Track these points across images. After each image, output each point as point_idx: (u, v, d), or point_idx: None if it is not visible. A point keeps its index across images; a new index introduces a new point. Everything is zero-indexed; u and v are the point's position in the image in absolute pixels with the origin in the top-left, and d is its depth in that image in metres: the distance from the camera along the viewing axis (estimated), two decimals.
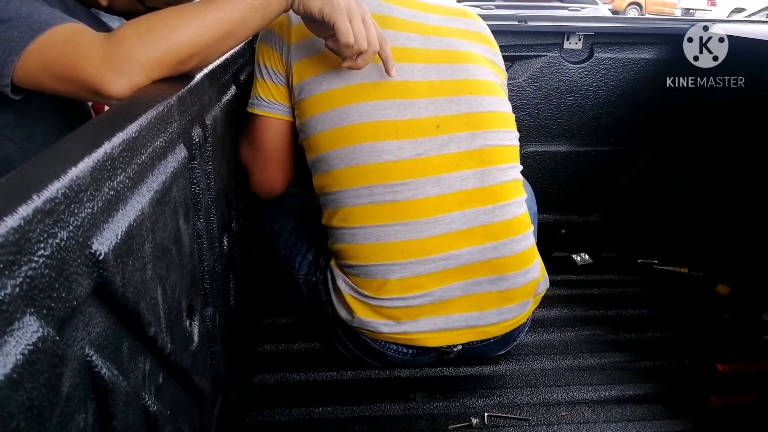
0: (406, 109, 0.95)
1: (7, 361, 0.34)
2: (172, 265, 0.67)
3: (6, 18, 0.73)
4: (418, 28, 1.01)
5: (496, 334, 1.04)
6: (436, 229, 0.95)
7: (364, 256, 0.97)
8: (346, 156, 0.94)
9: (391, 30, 0.98)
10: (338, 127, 0.94)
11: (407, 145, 0.94)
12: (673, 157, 1.74)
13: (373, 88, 0.95)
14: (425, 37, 1.01)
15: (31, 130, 0.88)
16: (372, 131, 0.94)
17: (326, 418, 1.01)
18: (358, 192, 0.95)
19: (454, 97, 0.98)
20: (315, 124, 0.96)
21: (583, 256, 1.63)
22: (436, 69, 0.99)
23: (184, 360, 0.73)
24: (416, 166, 0.94)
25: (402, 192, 0.94)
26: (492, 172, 0.98)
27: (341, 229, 0.98)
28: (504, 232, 0.99)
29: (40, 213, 0.38)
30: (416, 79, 0.97)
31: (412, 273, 0.96)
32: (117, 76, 0.70)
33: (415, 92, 0.96)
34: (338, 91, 0.94)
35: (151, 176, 0.60)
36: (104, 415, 0.50)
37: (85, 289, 0.45)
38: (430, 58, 1.00)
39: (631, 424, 0.99)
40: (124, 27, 0.74)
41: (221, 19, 0.77)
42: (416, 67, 0.98)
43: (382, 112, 0.94)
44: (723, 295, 1.44)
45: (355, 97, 0.94)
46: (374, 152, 0.93)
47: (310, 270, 1.13)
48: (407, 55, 0.98)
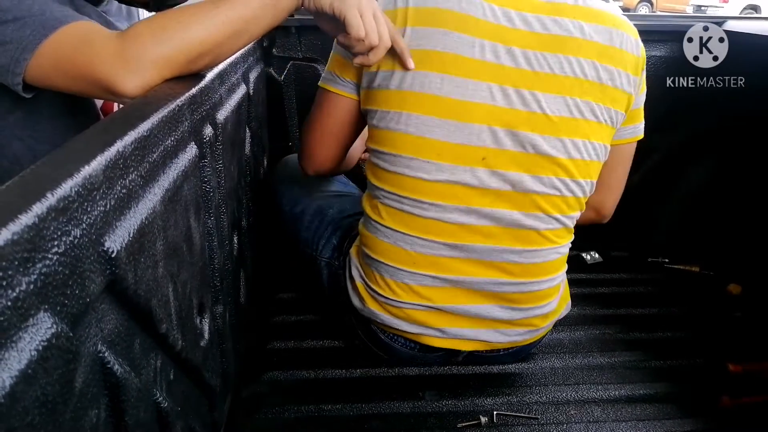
0: (457, 132, 0.87)
1: (22, 357, 0.35)
2: (183, 262, 0.67)
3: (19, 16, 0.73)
4: (504, 36, 0.86)
5: (505, 347, 1.05)
6: (453, 252, 0.93)
7: (380, 251, 0.97)
8: (387, 159, 0.92)
9: (468, 35, 0.85)
10: (388, 129, 0.91)
11: (446, 169, 0.88)
12: (683, 155, 1.73)
13: (428, 100, 0.87)
14: (507, 48, 0.86)
15: (40, 129, 0.89)
16: (415, 145, 0.89)
17: (335, 415, 1.01)
18: (390, 195, 0.94)
19: (513, 131, 0.87)
20: (372, 117, 0.93)
21: (593, 254, 1.62)
22: (504, 93, 0.86)
23: (195, 357, 0.73)
24: (449, 192, 0.89)
25: (429, 210, 0.91)
26: (530, 219, 0.92)
27: (370, 217, 0.98)
28: (529, 273, 0.95)
29: (54, 211, 0.38)
30: (476, 100, 0.86)
31: (421, 283, 0.96)
32: (130, 74, 0.70)
33: (471, 116, 0.86)
34: (395, 93, 0.89)
35: (162, 174, 0.61)
36: (116, 411, 0.51)
37: (97, 286, 0.46)
38: (505, 77, 0.86)
39: (641, 424, 0.99)
40: (137, 25, 0.74)
41: (233, 18, 0.78)
42: (481, 86, 0.86)
43: (430, 129, 0.87)
44: (734, 294, 1.42)
45: (408, 105, 0.88)
46: (412, 166, 0.89)
47: (334, 254, 1.12)
48: (476, 70, 0.85)
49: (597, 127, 0.90)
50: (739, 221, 1.57)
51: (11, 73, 0.73)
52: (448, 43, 0.85)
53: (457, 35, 0.85)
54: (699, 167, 1.71)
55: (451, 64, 0.86)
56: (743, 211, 1.56)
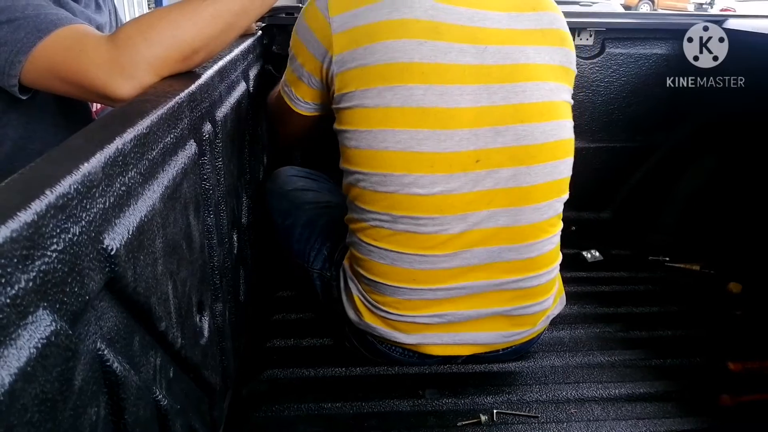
0: (447, 140, 0.86)
1: (21, 354, 0.35)
2: (182, 260, 0.67)
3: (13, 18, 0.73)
4: (474, 36, 0.88)
5: (504, 348, 1.06)
6: (453, 262, 0.92)
7: (376, 272, 0.95)
8: (375, 180, 0.89)
9: (443, 41, 0.86)
10: (371, 149, 0.88)
11: (440, 180, 0.87)
12: (684, 154, 1.73)
13: (413, 114, 0.85)
14: (481, 48, 0.88)
15: (33, 129, 0.89)
16: (406, 162, 0.87)
17: (335, 414, 1.01)
18: (383, 216, 0.91)
19: (501, 128, 0.88)
20: (350, 138, 0.90)
21: (594, 253, 1.62)
22: (488, 92, 0.88)
23: (195, 355, 0.73)
24: (445, 203, 0.88)
25: (426, 226, 0.89)
26: (526, 212, 0.92)
27: (360, 239, 0.96)
28: (526, 268, 0.96)
29: (53, 208, 0.38)
30: (463, 105, 0.86)
31: (422, 297, 0.95)
32: (126, 79, 0.70)
33: (459, 121, 0.87)
34: (376, 111, 0.87)
35: (162, 172, 0.60)
36: (116, 409, 0.51)
37: (97, 283, 0.45)
38: (484, 77, 0.88)
39: (641, 422, 0.98)
40: (126, 28, 0.74)
41: (222, 11, 0.77)
42: (466, 90, 0.87)
43: (420, 143, 0.86)
44: (735, 293, 1.42)
45: (392, 122, 0.86)
46: (405, 183, 0.87)
47: (325, 265, 1.13)
48: (458, 74, 0.86)
49: (566, 107, 0.97)
50: (739, 220, 1.57)
51: (6, 75, 0.73)
52: (425, 52, 0.85)
53: (432, 43, 0.86)
54: (699, 166, 1.71)
55: (432, 73, 0.85)
56: (743, 210, 1.56)
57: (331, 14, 0.89)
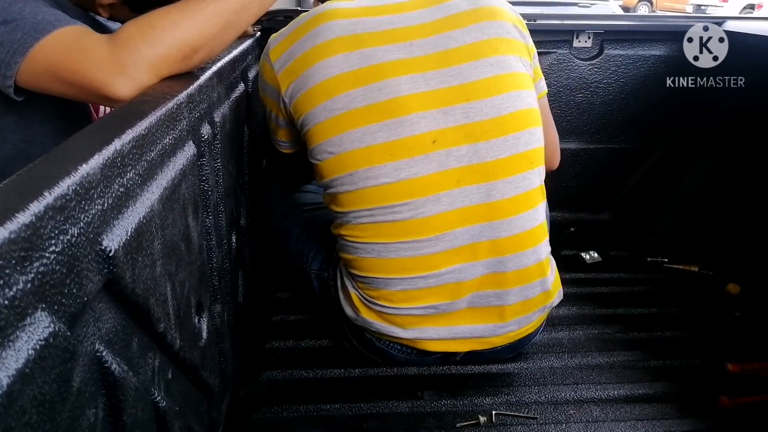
0: (399, 127, 0.91)
1: (19, 356, 0.35)
2: (181, 261, 0.67)
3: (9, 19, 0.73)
4: (396, 36, 0.94)
5: (501, 344, 1.05)
6: (438, 246, 0.94)
7: (366, 267, 0.98)
8: (345, 182, 0.94)
9: (367, 48, 0.92)
10: (334, 155, 0.94)
11: (403, 165, 0.91)
12: (683, 154, 1.73)
13: (360, 113, 0.91)
14: (407, 44, 0.94)
15: (32, 132, 0.89)
16: (366, 156, 0.92)
17: (334, 415, 1.01)
18: (360, 213, 0.95)
19: (449, 108, 0.92)
20: (316, 154, 0.96)
21: (592, 254, 1.62)
22: (425, 78, 0.92)
23: (193, 356, 0.73)
24: (415, 186, 0.91)
25: (402, 212, 0.92)
26: (498, 186, 0.94)
27: (346, 240, 0.99)
28: (511, 246, 0.96)
29: (51, 209, 0.38)
30: (403, 93, 0.91)
31: (414, 286, 0.96)
32: (126, 80, 0.70)
33: (406, 108, 0.91)
34: (328, 122, 0.93)
35: (160, 173, 0.60)
36: (114, 410, 0.51)
37: (95, 285, 0.45)
38: (417, 67, 0.93)
39: (639, 423, 0.99)
40: (127, 28, 0.74)
41: (221, 10, 0.77)
42: (401, 80, 0.92)
43: (373, 136, 0.91)
44: (734, 294, 1.42)
45: (344, 126, 0.92)
46: (371, 176, 0.92)
47: (322, 266, 1.14)
48: (389, 70, 0.92)
49: (519, 77, 0.97)
50: (738, 221, 1.57)
51: (2, 75, 0.73)
52: (354, 61, 0.92)
53: (357, 52, 0.92)
54: (698, 167, 1.71)
55: (365, 76, 0.91)
56: (742, 211, 1.56)
57: (273, 60, 0.97)
